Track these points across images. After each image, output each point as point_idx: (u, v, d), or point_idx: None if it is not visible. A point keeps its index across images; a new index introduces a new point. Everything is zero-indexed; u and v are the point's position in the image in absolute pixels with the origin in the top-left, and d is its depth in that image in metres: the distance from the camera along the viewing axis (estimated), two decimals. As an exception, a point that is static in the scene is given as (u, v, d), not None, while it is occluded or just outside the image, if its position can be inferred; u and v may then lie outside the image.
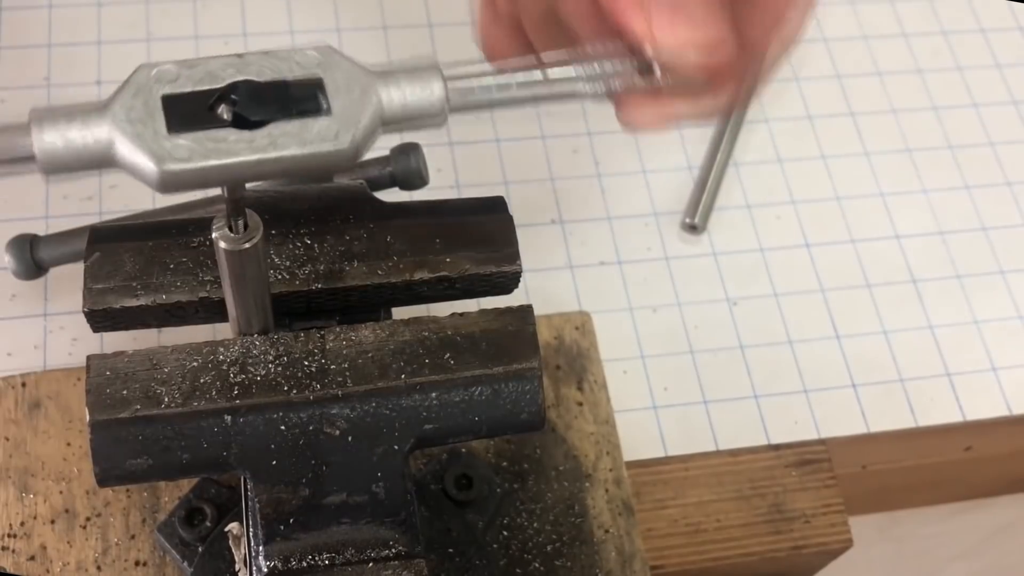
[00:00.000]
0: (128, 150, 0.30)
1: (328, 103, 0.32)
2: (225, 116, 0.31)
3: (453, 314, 0.42)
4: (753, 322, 0.65)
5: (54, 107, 0.31)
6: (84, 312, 0.41)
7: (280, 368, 0.40)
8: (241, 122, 0.31)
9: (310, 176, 0.33)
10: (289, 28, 0.72)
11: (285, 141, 0.31)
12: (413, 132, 0.44)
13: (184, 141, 0.30)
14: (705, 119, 0.43)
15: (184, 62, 0.32)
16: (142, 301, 0.41)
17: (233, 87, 0.31)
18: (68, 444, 0.55)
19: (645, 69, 0.36)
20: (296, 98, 0.32)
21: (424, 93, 0.33)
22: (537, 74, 0.35)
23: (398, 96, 0.33)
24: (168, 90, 0.31)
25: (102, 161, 0.31)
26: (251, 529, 0.41)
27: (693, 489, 0.60)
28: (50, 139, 0.31)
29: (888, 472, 0.67)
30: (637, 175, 0.69)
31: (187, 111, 0.31)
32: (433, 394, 0.40)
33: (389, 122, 0.33)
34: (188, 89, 0.31)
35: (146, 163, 0.30)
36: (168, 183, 0.30)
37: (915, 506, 0.76)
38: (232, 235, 0.36)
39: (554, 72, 0.35)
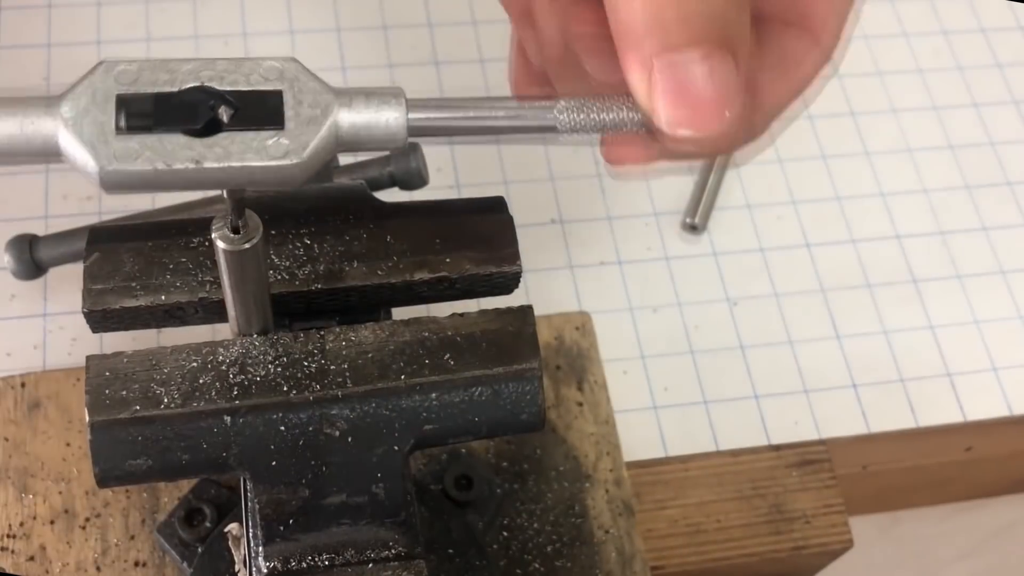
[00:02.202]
0: (72, 146, 0.30)
1: (284, 118, 0.31)
2: (178, 121, 0.30)
3: (453, 314, 0.42)
4: (753, 322, 0.65)
5: (4, 98, 0.30)
6: (83, 312, 0.41)
7: (280, 369, 0.40)
8: (192, 129, 0.31)
9: (258, 189, 0.32)
10: (289, 28, 0.71)
11: (234, 152, 0.30)
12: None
13: (131, 143, 0.30)
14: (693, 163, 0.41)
15: (147, 62, 0.31)
16: (141, 301, 0.41)
17: (190, 92, 0.31)
18: (68, 444, 0.55)
19: (638, 122, 0.33)
20: (252, 110, 0.31)
21: (383, 117, 0.32)
22: (512, 110, 0.34)
23: (356, 119, 0.32)
24: (125, 89, 0.31)
25: (47, 154, 0.30)
26: (251, 530, 0.41)
27: (693, 489, 0.59)
28: None
29: (888, 472, 0.67)
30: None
31: (139, 112, 0.30)
32: (433, 394, 0.40)
33: (345, 144, 0.32)
34: (146, 90, 0.31)
35: (88, 161, 0.30)
36: (109, 183, 0.30)
37: (915, 506, 0.75)
38: (232, 235, 0.35)
39: (530, 112, 0.34)
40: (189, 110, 0.31)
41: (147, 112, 0.31)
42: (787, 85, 0.36)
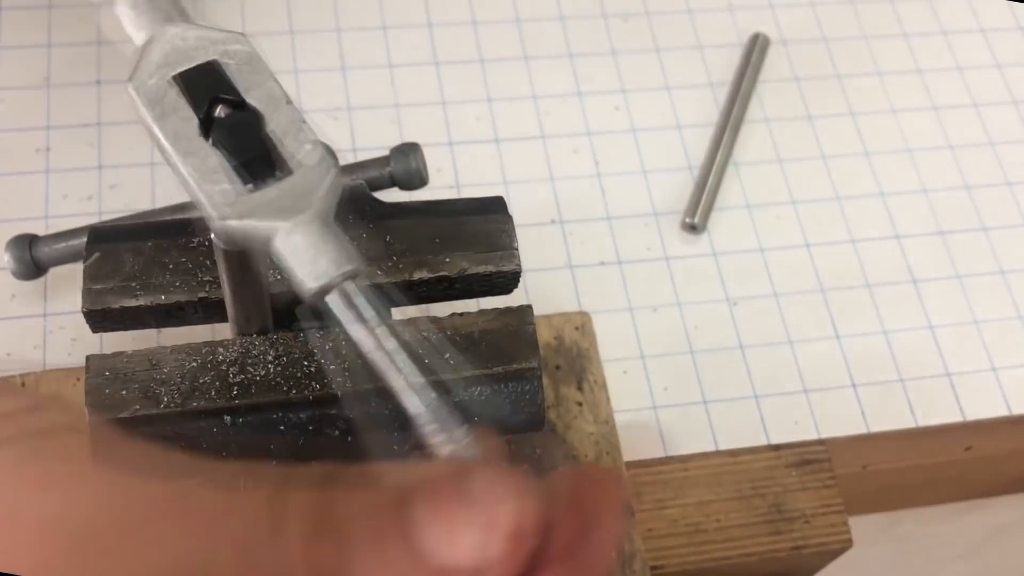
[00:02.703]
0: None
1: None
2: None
3: (453, 314, 0.42)
4: (753, 322, 0.65)
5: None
6: (83, 312, 0.41)
7: (279, 368, 0.40)
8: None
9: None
10: (289, 28, 0.71)
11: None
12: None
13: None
14: None
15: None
16: (141, 301, 0.41)
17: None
18: (68, 444, 0.55)
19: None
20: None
21: (310, 269, 0.31)
22: (396, 374, 0.32)
23: (301, 243, 0.31)
24: None
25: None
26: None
27: (693, 489, 0.59)
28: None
29: (888, 472, 0.67)
30: (637, 175, 0.69)
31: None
32: (433, 394, 0.40)
33: (267, 252, 0.31)
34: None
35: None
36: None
37: (915, 506, 0.75)
38: (231, 235, 0.35)
39: (403, 391, 0.32)
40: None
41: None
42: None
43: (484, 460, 0.31)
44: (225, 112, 0.31)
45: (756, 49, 0.74)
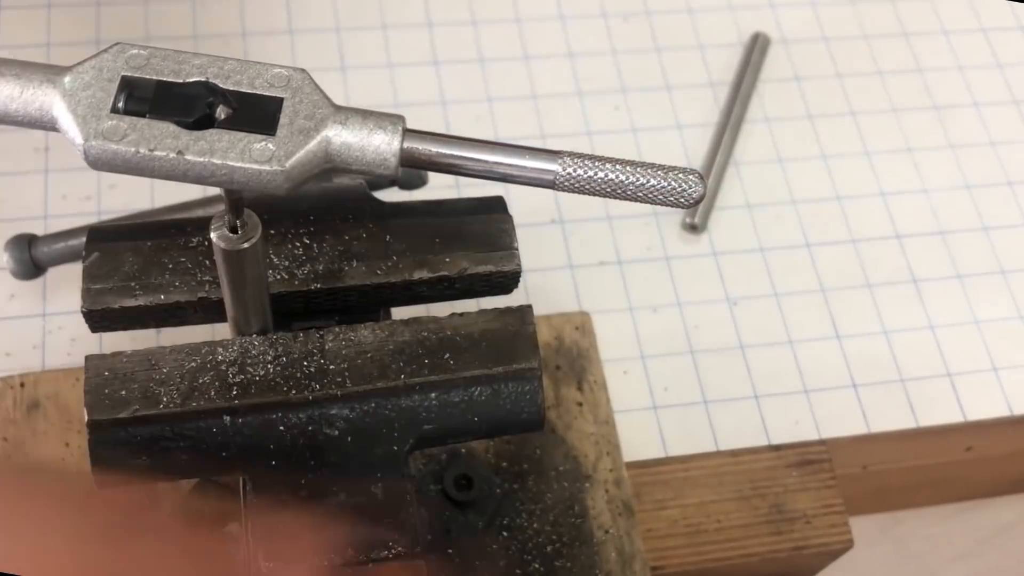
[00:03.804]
0: (64, 117, 0.31)
1: (277, 125, 0.31)
2: (174, 112, 0.31)
3: (453, 314, 0.42)
4: (753, 322, 0.65)
5: (10, 60, 0.31)
6: (83, 312, 0.41)
7: (279, 368, 0.40)
8: (186, 121, 0.31)
9: (238, 193, 0.33)
10: (289, 28, 0.71)
11: (219, 149, 0.31)
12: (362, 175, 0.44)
13: (121, 124, 0.31)
14: None
15: (159, 51, 0.32)
16: (141, 301, 0.41)
17: (192, 85, 0.31)
18: (67, 444, 0.55)
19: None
20: (248, 112, 0.31)
21: (377, 140, 0.32)
22: (504, 153, 0.33)
23: (349, 137, 0.32)
24: (131, 73, 0.31)
25: (43, 121, 0.31)
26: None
27: (693, 490, 0.59)
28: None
29: (888, 472, 0.67)
30: (637, 175, 0.69)
31: (139, 97, 0.31)
32: (433, 394, 0.40)
33: (334, 161, 0.32)
34: (150, 76, 0.31)
35: (75, 134, 0.31)
36: (92, 159, 0.31)
37: (915, 506, 0.75)
38: (231, 235, 0.35)
39: (520, 155, 0.33)
40: (187, 102, 0.31)
41: (146, 97, 0.31)
42: None
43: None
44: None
45: (756, 49, 0.74)
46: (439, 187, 0.66)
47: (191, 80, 0.31)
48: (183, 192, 0.57)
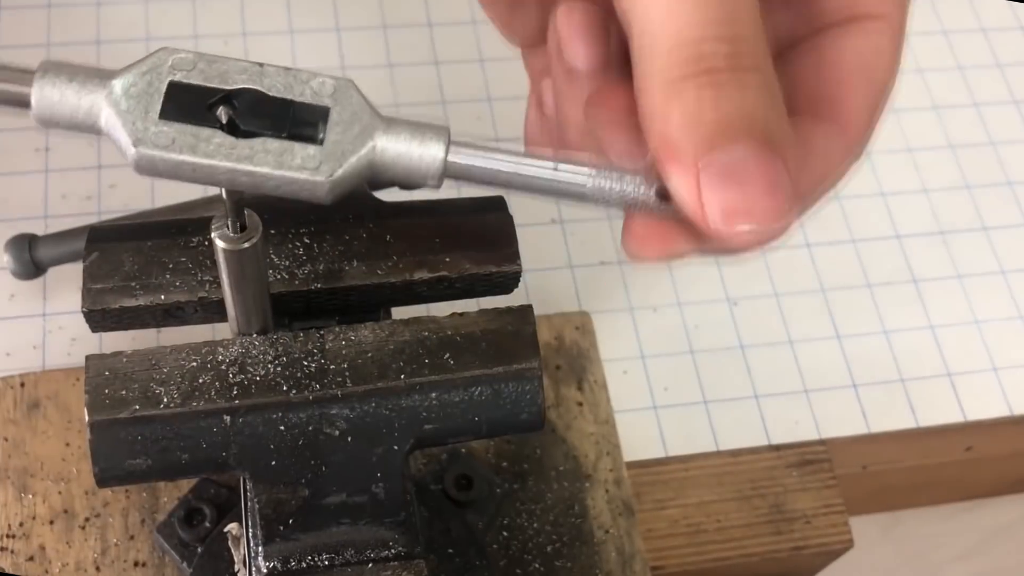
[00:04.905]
0: (113, 124, 0.31)
1: (324, 135, 0.31)
2: (221, 118, 0.31)
3: (453, 314, 0.42)
4: (753, 322, 0.65)
5: (62, 63, 0.31)
6: (83, 312, 0.41)
7: (279, 368, 0.40)
8: (233, 128, 0.31)
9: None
10: (288, 28, 0.71)
11: (264, 158, 0.31)
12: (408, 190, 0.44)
13: (169, 130, 0.31)
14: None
15: (204, 56, 0.32)
16: (141, 301, 0.41)
17: (239, 92, 0.31)
18: (67, 444, 0.55)
19: (665, 197, 0.32)
20: (295, 120, 0.32)
21: (422, 152, 0.32)
22: (549, 166, 0.33)
23: (395, 148, 0.32)
24: (178, 78, 0.31)
25: (90, 127, 0.31)
26: (250, 529, 0.41)
27: (693, 489, 0.59)
28: (48, 93, 0.31)
29: (889, 472, 0.67)
30: (637, 175, 0.69)
31: (186, 103, 0.31)
32: (433, 394, 0.40)
33: (379, 171, 0.32)
34: (197, 82, 0.31)
35: (125, 141, 0.31)
36: (141, 166, 0.31)
37: (916, 506, 0.75)
38: (231, 235, 0.35)
39: (567, 170, 0.32)
40: (234, 110, 0.31)
41: (193, 104, 0.31)
42: (818, 180, 0.35)
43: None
44: (226, 109, 0.31)
45: (756, 49, 0.73)
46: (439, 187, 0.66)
47: (237, 87, 0.31)
48: (183, 192, 0.57)
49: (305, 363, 0.40)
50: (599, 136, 0.35)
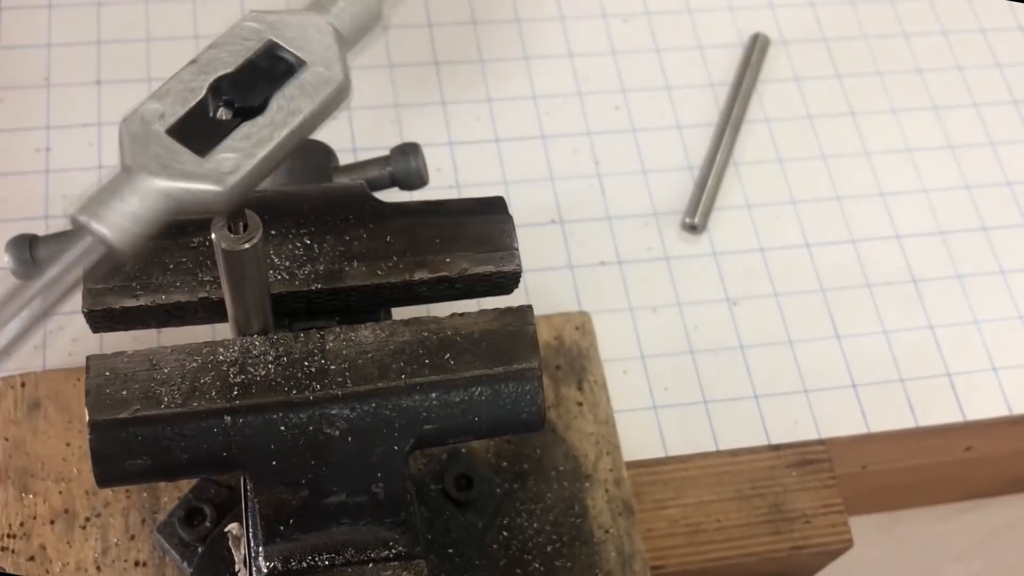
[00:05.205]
0: (185, 192, 0.30)
1: (296, 56, 0.32)
2: (229, 115, 0.31)
3: (453, 314, 0.42)
4: (753, 322, 0.65)
5: (91, 196, 0.31)
6: (84, 312, 0.41)
7: (280, 368, 0.40)
8: (245, 112, 0.31)
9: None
10: (289, 28, 0.71)
11: (297, 104, 0.32)
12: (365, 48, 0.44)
13: (222, 154, 0.31)
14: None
15: (154, 95, 0.32)
16: (142, 301, 0.41)
17: (215, 88, 0.32)
18: (68, 444, 0.55)
19: None
20: (270, 68, 0.32)
21: (361, 5, 0.34)
22: None
23: (342, 15, 0.34)
24: (165, 124, 0.31)
25: (168, 214, 0.30)
26: (251, 529, 0.41)
27: (693, 489, 0.59)
28: (112, 223, 0.30)
29: (888, 472, 0.67)
30: (637, 175, 0.69)
31: (196, 130, 0.31)
32: (433, 394, 0.40)
33: (348, 40, 0.34)
34: (180, 113, 0.31)
35: (210, 190, 0.30)
36: (235, 196, 0.30)
37: (915, 506, 0.75)
38: (231, 235, 0.35)
39: None
40: (230, 103, 0.32)
41: (201, 126, 0.32)
42: None
43: None
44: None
45: (756, 49, 0.74)
46: (439, 187, 0.66)
47: (209, 86, 0.32)
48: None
49: (305, 363, 0.40)
50: None
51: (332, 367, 0.40)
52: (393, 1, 0.35)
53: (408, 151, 0.54)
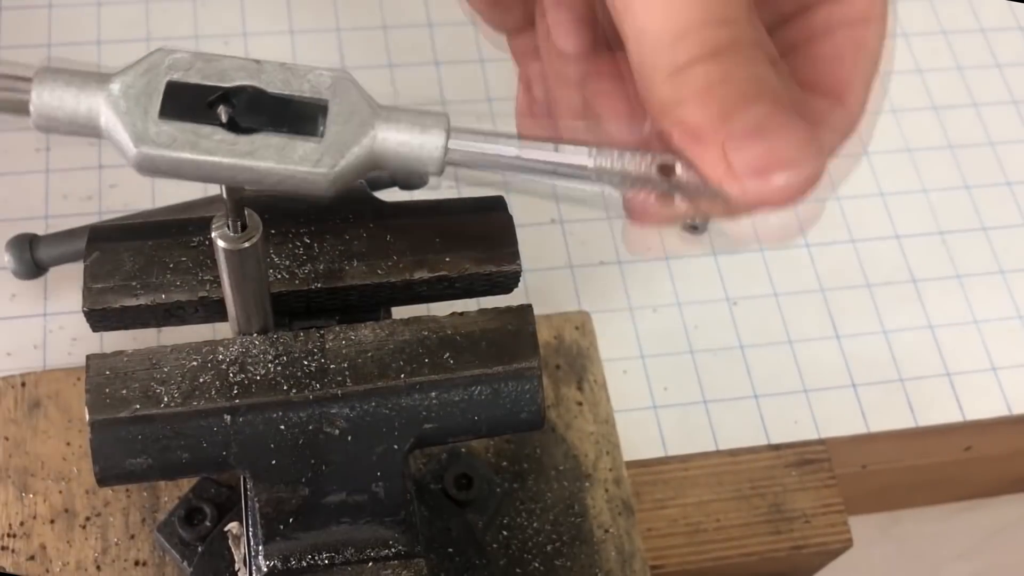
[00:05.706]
0: (113, 125, 0.31)
1: (324, 128, 0.31)
2: (221, 116, 0.31)
3: (453, 313, 0.42)
4: (753, 322, 0.65)
5: (59, 68, 0.31)
6: (84, 312, 0.41)
7: (280, 367, 0.40)
8: (233, 126, 0.31)
9: (285, 195, 0.33)
10: (289, 28, 0.72)
11: (265, 153, 0.31)
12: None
13: (170, 128, 0.31)
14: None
15: (201, 55, 0.32)
16: (142, 301, 0.41)
17: (237, 90, 0.31)
18: (68, 444, 0.55)
19: (666, 172, 0.32)
20: (294, 115, 0.32)
21: (423, 140, 0.32)
22: (551, 149, 0.33)
23: (395, 138, 0.32)
24: (176, 77, 0.31)
25: (91, 130, 0.31)
26: (251, 529, 0.41)
27: (693, 489, 0.59)
28: (46, 98, 0.31)
29: (888, 472, 0.67)
30: (637, 175, 0.69)
31: (185, 101, 0.31)
32: (433, 394, 0.40)
33: (381, 162, 0.32)
34: (195, 81, 0.31)
35: (126, 141, 0.30)
36: (143, 165, 0.31)
37: (915, 506, 0.75)
38: (231, 234, 0.36)
39: (568, 151, 0.32)
40: (232, 107, 0.31)
41: (193, 103, 0.31)
42: (827, 153, 0.35)
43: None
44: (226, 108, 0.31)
45: (756, 49, 0.73)
46: (439, 187, 0.66)
47: (236, 84, 0.31)
48: (184, 192, 0.57)
49: (305, 362, 0.40)
50: (597, 108, 0.35)
51: (332, 366, 0.40)
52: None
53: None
